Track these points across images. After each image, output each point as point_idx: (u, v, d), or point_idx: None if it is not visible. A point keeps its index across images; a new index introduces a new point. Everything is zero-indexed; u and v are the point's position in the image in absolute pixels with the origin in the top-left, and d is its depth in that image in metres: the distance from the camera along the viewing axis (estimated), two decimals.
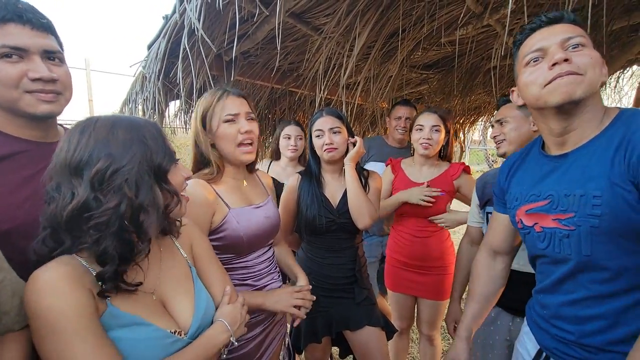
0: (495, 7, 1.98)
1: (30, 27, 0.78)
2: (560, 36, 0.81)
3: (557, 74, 0.78)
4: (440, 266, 1.77)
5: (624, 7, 2.21)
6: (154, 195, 0.67)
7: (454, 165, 1.81)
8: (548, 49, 0.81)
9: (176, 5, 1.57)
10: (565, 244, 0.82)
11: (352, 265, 1.46)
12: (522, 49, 0.89)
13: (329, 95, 2.57)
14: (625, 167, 0.72)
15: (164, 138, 0.73)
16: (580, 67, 0.77)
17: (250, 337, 1.18)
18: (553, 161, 0.88)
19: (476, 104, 4.34)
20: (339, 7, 1.80)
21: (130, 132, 0.67)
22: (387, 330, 1.49)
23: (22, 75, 0.78)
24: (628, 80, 4.03)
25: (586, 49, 0.79)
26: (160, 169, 0.70)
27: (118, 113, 2.47)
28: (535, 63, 0.84)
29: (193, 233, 0.92)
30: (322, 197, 1.44)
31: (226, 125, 1.08)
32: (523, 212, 0.93)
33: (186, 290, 0.81)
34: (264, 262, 1.22)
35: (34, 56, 0.79)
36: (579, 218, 0.78)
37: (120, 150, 0.65)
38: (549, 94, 0.80)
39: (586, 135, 0.81)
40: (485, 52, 2.83)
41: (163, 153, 0.71)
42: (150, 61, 1.89)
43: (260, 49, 2.17)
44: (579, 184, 0.79)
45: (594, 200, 0.75)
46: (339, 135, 1.42)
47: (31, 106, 0.80)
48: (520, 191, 0.95)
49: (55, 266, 0.62)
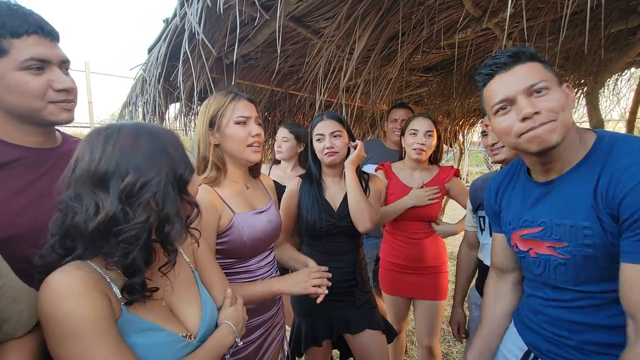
0: (494, 11, 1.99)
1: (50, 38, 0.80)
2: (524, 83, 0.79)
3: (530, 127, 0.79)
4: (435, 266, 1.79)
5: (621, 10, 2.22)
6: (177, 206, 0.69)
7: (444, 169, 1.84)
8: (514, 99, 0.80)
9: (177, 9, 1.58)
10: (561, 272, 0.83)
11: (353, 269, 1.46)
12: (486, 94, 0.87)
13: (329, 98, 2.58)
14: (605, 200, 0.74)
15: (184, 148, 0.74)
16: (550, 114, 0.77)
17: (249, 340, 1.18)
18: (540, 187, 0.89)
19: (475, 106, 4.35)
20: (339, 11, 1.81)
21: (153, 142, 0.68)
22: (387, 333, 1.49)
23: (48, 87, 0.80)
24: (626, 82, 4.05)
25: (551, 91, 0.79)
26: (182, 180, 0.71)
27: (118, 115, 2.48)
28: (504, 112, 0.83)
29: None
30: (323, 201, 1.44)
31: (237, 126, 1.10)
32: (518, 237, 0.94)
33: (192, 295, 0.82)
34: (265, 266, 1.22)
35: (54, 67, 0.81)
36: (573, 247, 0.79)
37: (147, 162, 0.65)
38: (527, 143, 0.81)
39: (568, 162, 0.83)
40: (484, 55, 2.84)
41: (184, 163, 0.72)
42: (151, 64, 1.89)
43: (261, 52, 2.18)
44: (566, 213, 0.81)
45: (585, 231, 0.77)
46: (340, 139, 1.42)
47: (54, 115, 0.83)
48: (512, 215, 0.96)
49: (72, 270, 0.62)
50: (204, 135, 1.10)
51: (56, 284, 0.60)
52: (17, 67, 0.76)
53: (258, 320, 1.20)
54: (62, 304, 0.58)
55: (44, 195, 0.79)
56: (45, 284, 0.60)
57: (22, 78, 0.77)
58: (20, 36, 0.76)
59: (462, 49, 2.52)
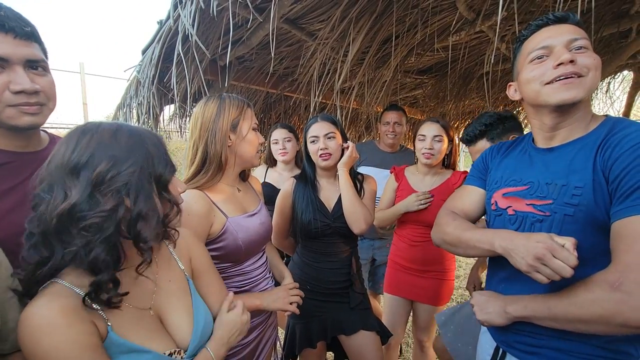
0: (487, 14, 2.01)
1: (12, 35, 0.74)
2: (567, 36, 0.82)
3: (562, 74, 0.80)
4: (439, 270, 1.78)
5: (613, 14, 2.25)
6: (153, 203, 0.66)
7: (455, 174, 1.82)
8: (554, 48, 0.83)
9: (170, 11, 1.57)
10: (536, 228, 0.86)
11: (347, 270, 1.46)
12: (527, 45, 0.89)
13: (324, 100, 2.59)
14: (603, 165, 0.77)
15: (166, 149, 0.72)
16: (583, 68, 0.80)
17: (245, 342, 1.18)
18: (540, 153, 0.92)
19: (470, 108, 4.38)
20: (333, 13, 1.82)
21: (133, 138, 0.66)
22: (381, 334, 1.49)
23: (4, 88, 0.74)
24: (619, 85, 4.09)
25: (589, 51, 0.82)
26: (161, 177, 0.69)
27: (113, 117, 2.47)
28: (539, 61, 0.85)
29: (192, 244, 0.90)
30: (317, 201, 1.44)
31: (254, 133, 1.16)
32: (500, 195, 0.96)
33: (184, 305, 0.78)
34: (259, 268, 1.22)
35: (16, 67, 0.75)
36: (556, 205, 0.82)
37: (123, 154, 0.63)
38: (550, 93, 0.82)
39: (573, 134, 0.86)
40: (478, 58, 2.87)
41: (164, 162, 0.69)
42: (145, 66, 1.88)
43: (255, 54, 2.18)
44: (562, 175, 0.83)
45: (575, 191, 0.80)
46: (333, 140, 1.43)
47: (13, 119, 0.77)
48: (502, 175, 0.99)
49: (49, 301, 0.59)
50: (223, 135, 1.09)
51: (34, 319, 0.57)
52: None
53: (254, 322, 1.20)
54: (42, 340, 0.56)
55: (26, 201, 0.78)
56: (23, 317, 0.57)
57: None
58: None
59: (456, 51, 2.54)
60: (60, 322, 0.57)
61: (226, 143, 1.10)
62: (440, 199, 1.76)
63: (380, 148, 2.42)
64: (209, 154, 1.09)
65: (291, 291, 1.22)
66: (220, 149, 1.09)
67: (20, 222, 0.75)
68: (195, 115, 1.13)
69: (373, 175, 2.06)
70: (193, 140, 1.12)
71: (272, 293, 1.19)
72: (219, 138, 1.09)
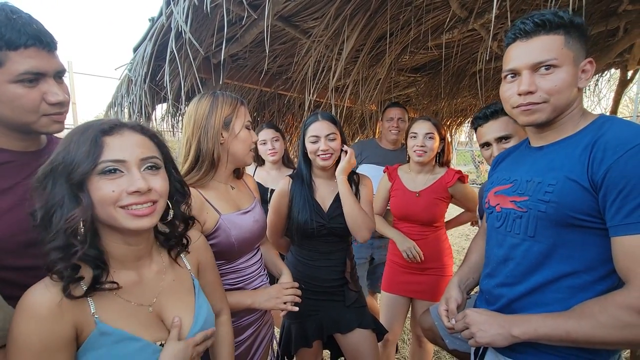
0: (480, 12, 2.03)
1: (47, 50, 0.78)
2: (533, 58, 0.83)
3: (520, 103, 0.86)
4: (437, 267, 1.79)
5: (601, 12, 2.29)
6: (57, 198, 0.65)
7: (449, 172, 1.82)
8: (520, 71, 0.85)
9: (162, 7, 1.55)
10: (517, 224, 0.89)
11: (342, 268, 1.46)
12: (505, 57, 0.92)
13: (318, 98, 2.58)
14: (588, 165, 0.77)
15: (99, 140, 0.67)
16: (543, 95, 0.83)
17: (242, 339, 1.18)
18: (532, 152, 0.95)
19: (462, 106, 4.42)
20: (327, 11, 1.81)
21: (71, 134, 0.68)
22: (377, 331, 1.49)
23: (41, 100, 0.78)
24: (606, 82, 4.17)
25: (557, 70, 0.81)
26: (74, 173, 0.65)
27: (103, 116, 2.43)
28: (511, 79, 0.89)
29: (200, 245, 0.92)
30: (313, 202, 1.43)
31: (247, 131, 1.16)
32: (492, 194, 1.00)
33: (186, 304, 0.80)
34: (253, 265, 1.22)
35: (49, 78, 0.79)
36: (531, 202, 0.85)
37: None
38: (517, 116, 0.90)
39: (562, 134, 0.88)
40: (471, 56, 2.89)
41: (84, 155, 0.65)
42: (137, 64, 1.85)
43: (249, 51, 2.16)
44: (541, 172, 0.86)
45: (548, 188, 0.82)
46: (335, 141, 1.41)
47: (45, 127, 0.82)
48: (498, 176, 1.03)
49: (46, 288, 0.62)
50: (216, 133, 1.09)
51: (26, 300, 0.61)
52: (11, 80, 0.74)
53: (249, 319, 1.20)
54: (20, 323, 0.60)
55: (25, 200, 0.77)
56: (24, 295, 0.61)
57: (16, 91, 0.75)
58: (17, 49, 0.73)
59: (449, 49, 2.55)
60: (42, 313, 0.60)
61: (219, 140, 1.10)
62: (433, 197, 1.78)
63: (382, 146, 2.43)
64: (202, 151, 1.09)
65: (286, 290, 1.19)
66: (212, 147, 1.09)
67: (18, 221, 0.74)
68: (189, 112, 1.13)
69: (374, 173, 2.06)
70: (186, 137, 1.11)
71: (265, 292, 1.17)
72: (212, 135, 1.08)
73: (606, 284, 0.79)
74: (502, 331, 0.82)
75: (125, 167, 0.66)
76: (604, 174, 0.74)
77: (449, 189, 1.78)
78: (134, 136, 0.69)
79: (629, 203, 0.71)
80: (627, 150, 0.72)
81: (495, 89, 3.66)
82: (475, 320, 0.87)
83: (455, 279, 1.13)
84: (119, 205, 0.65)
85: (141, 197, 0.67)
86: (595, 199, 0.76)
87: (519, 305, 0.88)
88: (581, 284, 0.80)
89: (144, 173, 0.68)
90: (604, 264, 0.78)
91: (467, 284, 1.11)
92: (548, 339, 0.78)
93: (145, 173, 0.68)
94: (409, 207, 1.80)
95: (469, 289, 1.12)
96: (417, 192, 1.79)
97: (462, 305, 1.04)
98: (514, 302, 0.89)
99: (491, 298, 0.97)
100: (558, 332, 0.76)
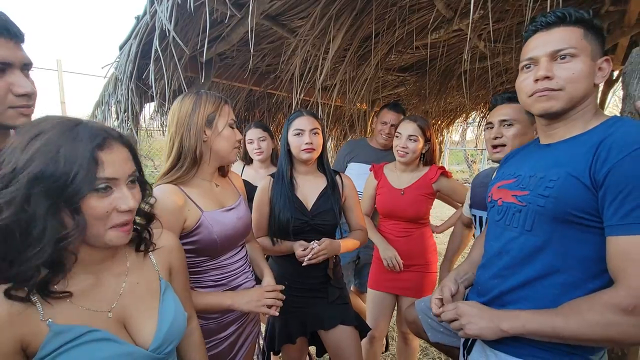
0: (465, 12, 2.05)
1: (15, 41, 0.77)
2: (552, 47, 0.84)
3: (537, 89, 0.85)
4: (421, 264, 1.82)
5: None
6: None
7: (432, 168, 1.85)
8: (539, 60, 0.86)
9: (147, 6, 1.55)
10: (516, 218, 0.90)
11: (324, 264, 1.46)
12: (524, 50, 0.92)
13: (306, 97, 2.59)
14: (592, 163, 0.77)
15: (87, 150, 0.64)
16: (560, 82, 0.82)
17: (223, 336, 1.18)
18: (540, 149, 0.95)
19: (452, 105, 4.46)
20: (313, 10, 1.83)
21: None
22: (360, 329, 1.50)
23: (8, 91, 0.77)
24: None
25: (574, 60, 0.82)
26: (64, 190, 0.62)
27: (91, 115, 2.41)
28: (527, 70, 0.89)
29: (173, 247, 0.89)
30: (295, 199, 1.43)
31: (230, 129, 1.16)
32: (495, 188, 1.01)
33: (149, 307, 0.77)
34: (237, 262, 1.22)
35: (16, 70, 0.78)
36: (531, 196, 0.85)
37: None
38: (531, 104, 0.89)
39: (572, 132, 0.88)
40: (457, 56, 2.92)
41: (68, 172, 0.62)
42: (122, 62, 1.85)
43: (237, 50, 2.17)
44: (545, 168, 0.86)
45: (549, 183, 0.82)
46: (318, 136, 1.43)
47: (11, 119, 0.80)
48: (504, 172, 1.03)
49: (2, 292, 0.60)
50: (198, 130, 1.10)
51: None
52: None
53: (232, 315, 1.20)
54: None
55: None
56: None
57: None
58: None
59: (436, 49, 2.58)
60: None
61: (201, 138, 1.11)
62: (418, 193, 1.81)
63: (372, 145, 2.41)
64: (184, 148, 1.09)
65: (267, 294, 1.17)
66: (195, 144, 1.09)
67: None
68: (172, 110, 1.13)
69: (363, 171, 2.08)
70: (170, 135, 1.12)
71: (246, 294, 1.15)
72: (194, 132, 1.09)
73: (598, 282, 0.79)
74: (492, 325, 0.83)
75: (116, 184, 0.66)
76: (606, 172, 0.74)
77: (433, 184, 1.81)
78: (122, 151, 0.68)
79: (628, 204, 0.71)
80: (632, 151, 0.72)
81: (481, 89, 3.70)
82: (466, 312, 0.88)
83: (453, 272, 1.14)
84: (109, 225, 0.65)
85: (130, 215, 0.67)
86: (595, 197, 0.76)
87: (509, 298, 0.88)
88: (573, 282, 0.80)
89: (128, 189, 0.68)
90: (597, 262, 0.78)
91: (465, 277, 1.11)
92: (536, 335, 0.79)
93: (129, 188, 0.68)
94: (394, 205, 1.82)
95: (467, 282, 1.11)
96: (402, 190, 1.81)
97: (457, 296, 1.05)
98: (504, 294, 0.89)
99: (483, 289, 0.97)
100: (545, 328, 0.77)
